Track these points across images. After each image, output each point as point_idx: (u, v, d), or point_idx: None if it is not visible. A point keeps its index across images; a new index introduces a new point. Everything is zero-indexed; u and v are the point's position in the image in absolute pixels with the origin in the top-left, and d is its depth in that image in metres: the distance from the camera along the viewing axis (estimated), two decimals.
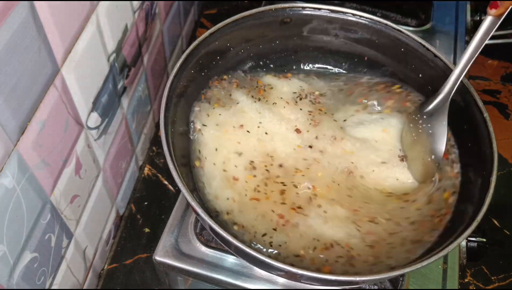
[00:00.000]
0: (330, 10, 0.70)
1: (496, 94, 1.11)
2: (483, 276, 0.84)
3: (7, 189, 0.49)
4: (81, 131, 0.63)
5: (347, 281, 0.52)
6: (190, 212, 0.68)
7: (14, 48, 0.45)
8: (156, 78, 0.92)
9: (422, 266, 0.50)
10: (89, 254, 0.76)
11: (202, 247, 0.65)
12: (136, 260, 0.85)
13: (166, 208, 0.90)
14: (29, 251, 0.56)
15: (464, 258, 0.72)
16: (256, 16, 0.68)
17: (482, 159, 0.59)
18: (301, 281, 0.55)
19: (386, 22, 0.69)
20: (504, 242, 0.88)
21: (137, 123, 0.87)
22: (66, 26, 0.54)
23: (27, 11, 0.46)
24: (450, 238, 0.53)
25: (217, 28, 0.65)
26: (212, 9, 1.22)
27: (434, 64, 0.67)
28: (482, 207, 0.53)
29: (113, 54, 0.68)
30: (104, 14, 0.62)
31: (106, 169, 0.76)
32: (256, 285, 0.63)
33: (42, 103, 0.52)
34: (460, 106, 0.64)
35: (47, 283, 0.63)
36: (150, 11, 0.80)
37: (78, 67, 0.58)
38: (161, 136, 0.55)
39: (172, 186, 0.93)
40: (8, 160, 0.48)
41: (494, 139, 0.58)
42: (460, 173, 0.63)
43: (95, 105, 0.66)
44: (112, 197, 0.82)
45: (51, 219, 0.60)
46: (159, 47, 0.90)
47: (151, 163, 0.96)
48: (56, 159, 0.58)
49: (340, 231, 0.58)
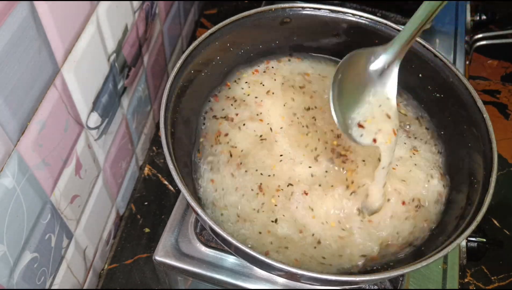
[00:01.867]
0: (330, 10, 0.70)
1: (496, 94, 1.11)
2: (483, 276, 0.84)
3: (7, 189, 0.49)
4: (81, 131, 0.63)
5: (347, 281, 0.52)
6: (190, 212, 0.68)
7: (14, 48, 0.45)
8: (156, 78, 0.92)
9: (422, 266, 0.50)
10: (89, 254, 0.76)
11: (202, 247, 0.65)
12: (136, 260, 0.85)
13: (166, 208, 0.91)
14: (29, 251, 0.56)
15: (464, 258, 0.72)
16: (256, 16, 0.68)
17: (482, 159, 0.59)
18: (301, 281, 0.55)
19: (386, 22, 0.68)
20: (504, 242, 0.88)
21: (137, 123, 0.87)
22: (66, 26, 0.54)
23: (27, 11, 0.46)
24: (450, 238, 0.53)
25: (217, 28, 0.65)
26: (212, 9, 1.22)
27: (434, 64, 0.67)
28: (482, 207, 0.53)
29: (113, 54, 0.68)
30: (104, 14, 0.62)
31: (106, 169, 0.76)
32: (256, 285, 0.63)
33: (42, 103, 0.52)
34: (460, 106, 0.64)
35: (47, 283, 0.63)
36: (150, 11, 0.80)
37: (78, 67, 0.58)
38: (161, 136, 0.55)
39: (172, 186, 0.93)
40: (8, 160, 0.48)
41: (494, 139, 0.58)
42: (460, 173, 0.63)
43: (95, 105, 0.66)
44: (112, 197, 0.82)
45: (51, 219, 0.60)
46: (159, 47, 0.90)
47: (151, 163, 0.96)
48: (56, 159, 0.58)
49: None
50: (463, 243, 0.72)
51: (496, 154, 0.57)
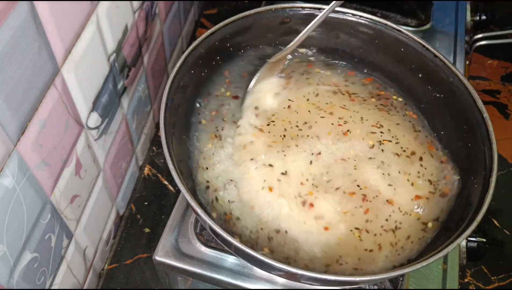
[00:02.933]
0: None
1: (496, 94, 1.11)
2: (483, 276, 0.84)
3: (7, 189, 0.49)
4: (81, 131, 0.63)
5: (347, 281, 0.52)
6: (190, 212, 0.68)
7: (14, 48, 0.45)
8: (156, 78, 0.92)
9: (422, 266, 0.50)
10: (89, 254, 0.76)
11: (202, 247, 0.65)
12: (136, 260, 0.85)
13: (166, 208, 0.91)
14: (29, 251, 0.56)
15: (464, 258, 0.72)
16: (256, 16, 0.68)
17: (482, 159, 0.59)
18: (301, 281, 0.55)
19: (386, 22, 0.69)
20: (504, 242, 0.88)
21: (137, 123, 0.87)
22: (66, 26, 0.54)
23: (27, 11, 0.46)
24: (450, 238, 0.53)
25: (217, 28, 0.65)
26: (212, 9, 1.22)
27: (434, 64, 0.67)
28: (482, 207, 0.53)
29: (113, 54, 0.68)
30: (104, 14, 0.62)
31: (106, 169, 0.76)
32: (256, 285, 0.63)
33: (42, 103, 0.52)
34: (460, 106, 0.64)
35: (47, 283, 0.63)
36: (150, 11, 0.80)
37: (78, 67, 0.58)
38: (161, 136, 0.55)
39: (172, 186, 0.94)
40: (8, 160, 0.48)
41: (494, 139, 0.58)
42: (460, 173, 0.63)
43: (95, 105, 0.66)
44: (112, 197, 0.82)
45: (51, 219, 0.60)
46: (159, 47, 0.90)
47: (151, 163, 0.96)
48: (56, 159, 0.58)
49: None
50: (463, 243, 0.72)
51: (496, 154, 0.57)
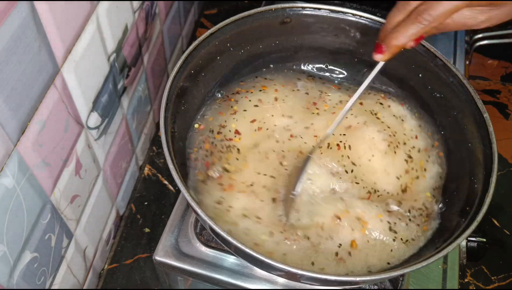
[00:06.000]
0: (330, 10, 0.70)
1: (496, 94, 1.11)
2: (483, 276, 0.84)
3: (7, 189, 0.49)
4: (81, 131, 0.63)
5: (347, 281, 0.52)
6: (190, 212, 0.68)
7: (14, 48, 0.45)
8: (156, 78, 0.92)
9: (422, 266, 0.50)
10: (89, 254, 0.76)
11: (202, 247, 0.65)
12: (136, 260, 0.85)
13: (166, 208, 0.91)
14: (29, 251, 0.56)
15: (464, 258, 0.72)
16: (256, 16, 0.68)
17: (482, 159, 0.59)
18: (301, 281, 0.55)
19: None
20: (504, 242, 0.88)
21: (137, 123, 0.87)
22: (66, 26, 0.54)
23: (27, 11, 0.46)
24: (450, 238, 0.53)
25: (217, 28, 0.65)
26: (212, 9, 1.22)
27: (434, 64, 0.67)
28: (482, 207, 0.53)
29: (113, 54, 0.68)
30: (104, 14, 0.62)
31: (106, 169, 0.76)
32: (256, 285, 0.63)
33: (42, 103, 0.52)
34: (460, 106, 0.64)
35: (47, 283, 0.63)
36: (150, 11, 0.80)
37: (78, 67, 0.58)
38: (161, 136, 0.55)
39: (172, 186, 0.93)
40: (8, 160, 0.48)
41: (494, 139, 0.58)
42: (460, 173, 0.63)
43: (95, 105, 0.66)
44: (112, 197, 0.82)
45: (51, 219, 0.60)
46: (159, 47, 0.90)
47: (151, 163, 0.96)
48: (56, 159, 0.58)
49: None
50: (463, 243, 0.72)
51: (496, 154, 0.57)
